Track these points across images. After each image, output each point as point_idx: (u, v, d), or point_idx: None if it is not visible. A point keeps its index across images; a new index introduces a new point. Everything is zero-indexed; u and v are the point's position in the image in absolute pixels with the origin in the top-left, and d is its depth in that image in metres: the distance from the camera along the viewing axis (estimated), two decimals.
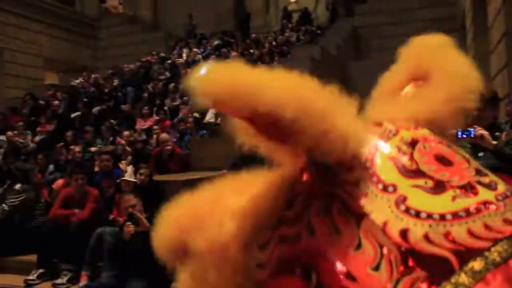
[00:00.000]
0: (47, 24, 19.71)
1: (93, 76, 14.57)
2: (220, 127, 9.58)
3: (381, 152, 0.79)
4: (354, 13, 18.13)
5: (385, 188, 0.74)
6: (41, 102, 13.38)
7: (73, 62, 20.68)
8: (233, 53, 14.31)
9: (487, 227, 0.70)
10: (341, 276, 0.71)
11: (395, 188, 0.73)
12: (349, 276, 0.71)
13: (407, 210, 0.71)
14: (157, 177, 6.82)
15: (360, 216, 0.73)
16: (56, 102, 12.79)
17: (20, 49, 18.53)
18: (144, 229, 4.83)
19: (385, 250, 0.70)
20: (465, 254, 0.67)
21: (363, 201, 0.74)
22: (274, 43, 15.69)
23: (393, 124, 0.86)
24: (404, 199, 0.72)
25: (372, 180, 0.75)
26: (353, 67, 14.97)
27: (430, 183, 0.74)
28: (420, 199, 0.72)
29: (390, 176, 0.75)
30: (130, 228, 4.84)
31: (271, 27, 20.64)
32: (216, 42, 17.25)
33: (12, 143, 10.60)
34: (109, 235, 5.33)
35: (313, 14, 20.58)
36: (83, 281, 5.27)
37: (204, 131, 9.62)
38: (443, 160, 0.78)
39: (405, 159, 0.77)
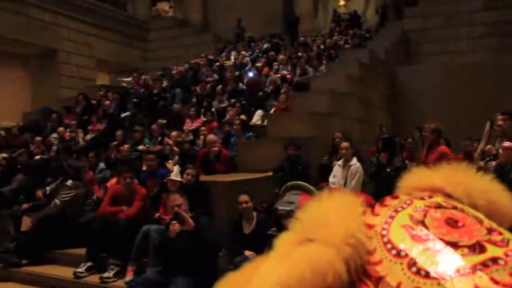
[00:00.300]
0: (100, 26, 20.31)
1: (142, 77, 14.88)
2: (266, 130, 9.61)
3: (395, 221, 0.89)
4: (404, 17, 17.84)
5: (398, 254, 0.83)
6: (93, 102, 13.78)
7: (124, 63, 21.21)
8: (281, 57, 14.32)
9: (493, 280, 0.75)
10: None
11: (407, 253, 0.82)
12: None
13: (418, 272, 0.79)
14: (203, 178, 6.90)
15: (377, 280, 0.82)
16: (107, 102, 13.13)
17: (74, 51, 19.16)
18: (189, 228, 4.90)
19: None
20: None
21: (379, 267, 0.83)
22: (322, 46, 15.62)
23: (409, 195, 0.96)
24: (415, 262, 0.80)
25: (387, 247, 0.85)
26: (403, 71, 14.74)
27: (439, 246, 0.82)
28: (430, 261, 0.80)
29: (403, 242, 0.84)
30: (175, 227, 4.92)
31: (320, 31, 20.55)
32: (265, 46, 17.31)
33: (63, 139, 10.98)
34: (155, 233, 5.44)
35: (363, 17, 20.37)
36: (129, 276, 5.39)
37: (251, 134, 9.67)
38: (453, 223, 0.86)
39: (416, 226, 0.86)
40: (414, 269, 0.79)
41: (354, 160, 6.86)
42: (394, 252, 0.83)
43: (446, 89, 13.18)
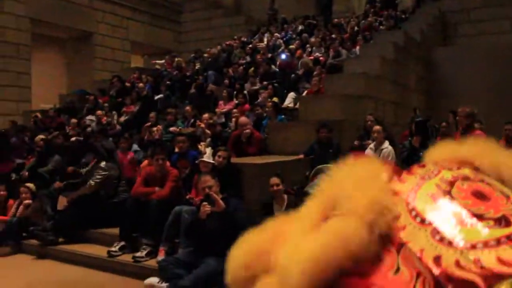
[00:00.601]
0: (133, 9, 20.46)
1: (176, 59, 14.95)
2: (298, 113, 9.56)
3: (422, 189, 0.88)
4: None
5: (422, 221, 0.82)
6: (127, 84, 13.94)
7: (158, 46, 21.36)
8: (312, 40, 14.15)
9: None
10: None
11: (431, 221, 0.82)
12: None
13: (441, 240, 0.79)
14: (234, 160, 6.92)
15: (400, 246, 0.83)
16: (141, 84, 13.26)
17: (109, 34, 19.37)
18: (219, 209, 4.94)
19: (420, 274, 0.78)
20: (493, 279, 0.73)
21: (403, 233, 0.83)
22: (356, 28, 15.37)
23: (436, 165, 0.95)
24: (439, 230, 0.80)
25: (412, 214, 0.84)
26: (439, 53, 14.40)
27: (465, 216, 0.81)
28: (454, 230, 0.79)
29: (428, 210, 0.84)
30: (206, 208, 4.96)
31: (354, 12, 20.19)
32: (300, 28, 17.13)
33: (100, 123, 11.18)
34: (187, 214, 5.50)
35: None
36: (161, 256, 5.48)
37: (283, 116, 9.64)
38: (480, 196, 0.85)
39: (443, 195, 0.85)
40: (437, 237, 0.79)
41: (386, 144, 6.77)
42: (418, 219, 0.83)
43: (485, 72, 12.81)
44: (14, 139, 10.86)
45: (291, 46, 14.22)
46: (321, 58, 12.47)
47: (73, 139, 10.21)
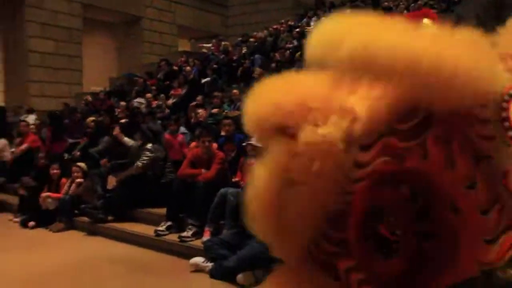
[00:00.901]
0: None
1: (222, 43, 15.01)
2: None
3: None
4: None
5: None
6: (175, 67, 14.11)
7: (205, 29, 21.47)
8: None
9: None
10: (448, 208, 0.69)
11: None
12: (456, 210, 0.69)
13: None
14: None
15: (480, 158, 0.69)
16: (188, 68, 13.40)
17: (157, 18, 19.61)
18: None
19: (499, 199, 0.67)
20: None
21: (489, 144, 0.69)
22: (405, 11, 14.97)
23: None
24: None
25: (504, 124, 0.70)
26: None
27: None
28: None
29: None
30: None
31: None
32: (348, 11, 16.83)
33: (150, 104, 11.40)
34: (232, 196, 5.54)
35: None
36: (206, 236, 5.54)
37: None
38: None
39: None
40: None
41: None
42: (511, 133, 0.70)
43: None
44: (66, 121, 11.21)
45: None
46: None
47: (122, 121, 10.43)
